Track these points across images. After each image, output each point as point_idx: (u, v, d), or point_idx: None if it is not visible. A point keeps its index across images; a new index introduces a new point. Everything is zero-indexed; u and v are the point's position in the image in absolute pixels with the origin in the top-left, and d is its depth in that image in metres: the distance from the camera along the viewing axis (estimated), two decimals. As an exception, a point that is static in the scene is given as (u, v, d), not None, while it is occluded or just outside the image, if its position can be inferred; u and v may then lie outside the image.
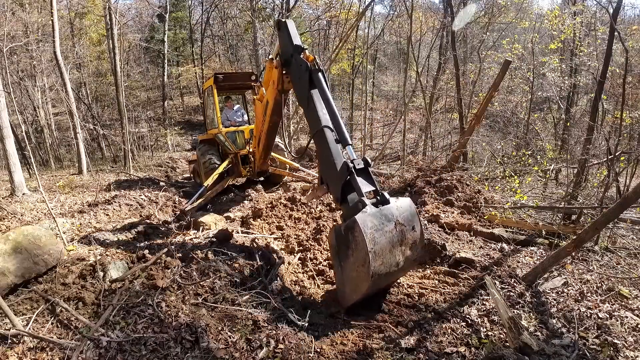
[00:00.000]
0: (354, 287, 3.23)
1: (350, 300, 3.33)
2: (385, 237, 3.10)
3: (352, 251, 3.15)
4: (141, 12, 28.81)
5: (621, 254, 4.33)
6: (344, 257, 3.30)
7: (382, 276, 3.14)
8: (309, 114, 3.95)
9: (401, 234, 3.22)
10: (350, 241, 3.15)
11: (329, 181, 3.65)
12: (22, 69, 19.22)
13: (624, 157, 6.02)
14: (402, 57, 28.20)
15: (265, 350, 2.80)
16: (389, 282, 3.67)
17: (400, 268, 3.33)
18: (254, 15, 17.38)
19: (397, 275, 3.60)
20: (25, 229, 3.73)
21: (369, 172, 3.42)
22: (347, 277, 3.30)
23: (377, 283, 3.19)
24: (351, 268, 3.21)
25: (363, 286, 3.11)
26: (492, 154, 9.77)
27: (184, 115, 27.89)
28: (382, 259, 3.07)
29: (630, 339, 2.96)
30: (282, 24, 4.45)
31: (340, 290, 3.50)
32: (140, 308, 3.16)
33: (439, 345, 2.98)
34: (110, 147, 19.12)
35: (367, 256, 2.96)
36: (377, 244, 3.02)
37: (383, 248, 3.08)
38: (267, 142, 6.31)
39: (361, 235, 2.98)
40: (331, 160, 3.50)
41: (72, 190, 9.19)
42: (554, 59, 11.48)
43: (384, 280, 3.31)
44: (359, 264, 3.09)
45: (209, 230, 5.62)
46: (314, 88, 3.93)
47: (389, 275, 3.29)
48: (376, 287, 3.35)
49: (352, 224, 3.07)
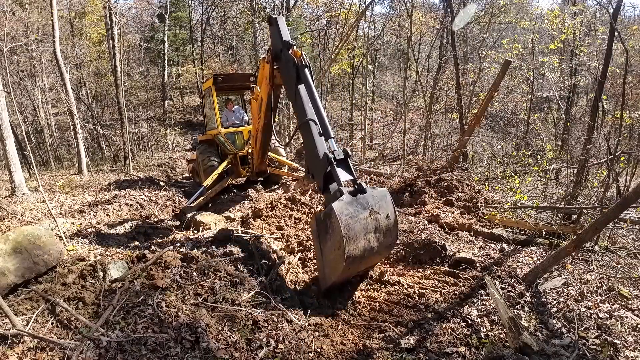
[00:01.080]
0: (332, 269, 3.51)
1: (328, 281, 3.61)
2: (360, 223, 3.33)
3: (330, 236, 3.38)
4: (141, 12, 28.83)
5: (621, 254, 4.33)
6: (323, 241, 3.53)
7: (356, 259, 3.38)
8: (296, 108, 4.22)
9: (375, 221, 3.44)
10: (328, 227, 3.38)
11: (313, 171, 3.88)
12: (22, 69, 19.22)
13: (624, 157, 6.02)
14: (402, 57, 28.22)
15: (265, 350, 2.80)
16: (367, 267, 3.97)
17: (375, 252, 3.57)
18: (254, 15, 17.38)
19: (373, 260, 3.88)
20: (25, 229, 3.73)
21: (348, 163, 3.65)
22: (326, 260, 3.57)
23: (353, 265, 3.44)
24: (329, 251, 3.46)
25: (339, 267, 3.36)
26: (492, 154, 9.77)
27: (184, 115, 27.89)
28: (356, 243, 3.31)
29: (630, 339, 2.96)
30: (273, 19, 4.56)
31: (320, 272, 3.78)
32: (140, 308, 3.16)
33: (439, 345, 2.98)
34: (110, 147, 19.12)
35: (342, 240, 3.20)
36: (351, 229, 3.25)
37: (357, 234, 3.31)
38: (263, 140, 6.34)
39: (337, 221, 3.22)
40: (315, 152, 3.75)
41: (72, 190, 9.19)
42: (554, 59, 11.48)
43: (359, 263, 3.57)
44: (336, 247, 3.33)
45: (209, 230, 5.62)
46: (300, 83, 4.15)
47: (364, 260, 3.54)
48: (353, 270, 3.64)
49: (329, 211, 3.29)
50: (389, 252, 4.19)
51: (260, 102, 5.58)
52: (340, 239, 3.21)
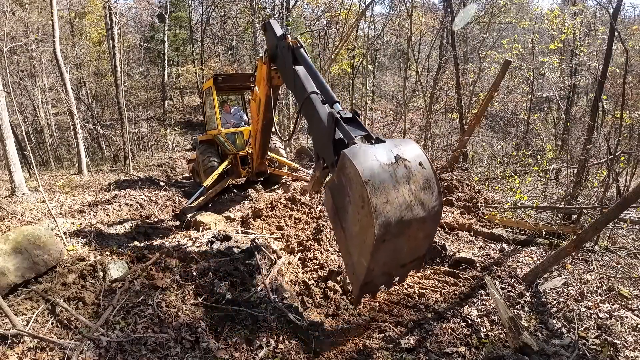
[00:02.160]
0: (361, 244, 2.51)
1: (359, 273, 2.62)
2: (384, 169, 2.46)
3: (349, 197, 2.53)
4: (141, 12, 28.83)
5: (621, 254, 4.33)
6: (343, 214, 2.65)
7: (391, 223, 2.38)
8: (296, 91, 3.77)
9: (406, 169, 2.54)
10: (344, 186, 2.55)
11: (322, 150, 3.18)
12: (22, 69, 19.21)
13: (624, 157, 6.02)
14: (402, 57, 28.21)
15: (265, 350, 2.80)
16: (412, 245, 2.69)
17: (418, 218, 2.51)
18: (254, 15, 17.39)
19: (419, 232, 2.63)
20: (25, 229, 3.73)
21: (358, 121, 3.01)
22: (351, 239, 2.63)
23: (388, 232, 2.39)
24: (352, 221, 2.56)
25: (369, 236, 2.37)
26: (492, 154, 9.77)
27: (184, 115, 27.88)
28: (385, 195, 2.37)
29: (630, 339, 2.96)
30: (267, 24, 4.56)
31: (348, 267, 2.79)
32: (140, 308, 3.16)
33: (439, 345, 2.98)
34: (110, 147, 19.12)
35: (364, 190, 2.32)
36: (374, 175, 2.39)
37: (384, 182, 2.41)
38: (263, 140, 6.35)
39: (352, 166, 2.42)
40: (321, 125, 3.16)
41: (72, 190, 9.19)
42: (554, 59, 11.48)
43: (398, 235, 2.48)
44: (359, 207, 2.44)
45: (209, 230, 5.62)
46: (297, 64, 3.89)
47: (405, 228, 2.48)
48: (391, 248, 2.55)
49: (341, 160, 2.55)
50: (437, 221, 2.75)
51: (259, 102, 5.59)
52: (362, 187, 2.34)
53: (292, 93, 3.97)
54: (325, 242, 5.02)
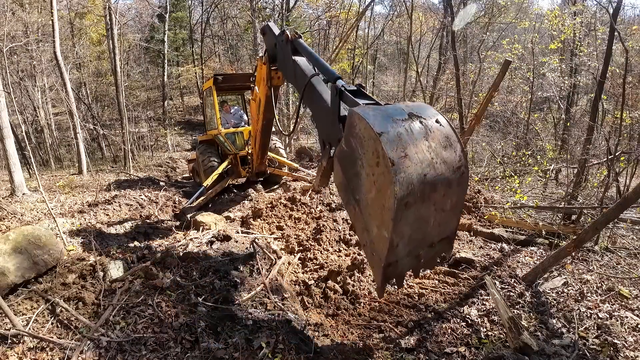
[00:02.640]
0: (379, 212, 2.17)
1: (382, 247, 2.22)
2: (397, 123, 2.17)
3: (361, 160, 2.24)
4: (141, 12, 28.82)
5: (621, 254, 4.33)
6: (356, 183, 2.35)
7: (413, 180, 2.05)
8: (297, 81, 3.59)
9: (421, 125, 2.24)
10: (354, 148, 2.29)
11: (327, 132, 2.93)
12: (22, 69, 19.22)
13: (624, 157, 6.02)
14: (402, 57, 28.21)
15: (265, 350, 2.80)
16: (436, 215, 2.31)
17: (440, 175, 2.17)
18: (254, 15, 17.39)
19: (443, 195, 2.26)
20: (25, 229, 3.73)
21: (364, 93, 2.76)
22: (367, 210, 2.29)
23: (411, 191, 2.06)
24: (368, 188, 2.23)
25: (389, 197, 2.03)
26: (492, 154, 9.77)
27: (184, 115, 27.88)
28: (402, 148, 2.07)
29: (630, 339, 2.96)
30: (266, 27, 4.54)
31: (367, 249, 2.41)
32: (140, 308, 3.16)
33: (439, 345, 2.98)
34: (110, 147, 19.12)
35: (378, 142, 2.04)
36: (387, 128, 2.11)
37: (399, 134, 2.12)
38: (263, 141, 6.35)
39: (362, 121, 2.16)
40: (325, 105, 2.95)
41: (72, 190, 9.19)
42: (554, 59, 11.48)
43: (420, 194, 2.12)
44: (373, 166, 2.13)
45: (209, 230, 5.61)
46: (297, 54, 3.77)
47: (428, 187, 2.13)
48: (414, 214, 2.16)
49: (349, 120, 2.32)
50: (465, 186, 2.39)
51: (258, 103, 5.59)
52: (375, 141, 2.07)
53: (294, 86, 3.84)
54: (325, 242, 5.02)
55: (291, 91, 18.68)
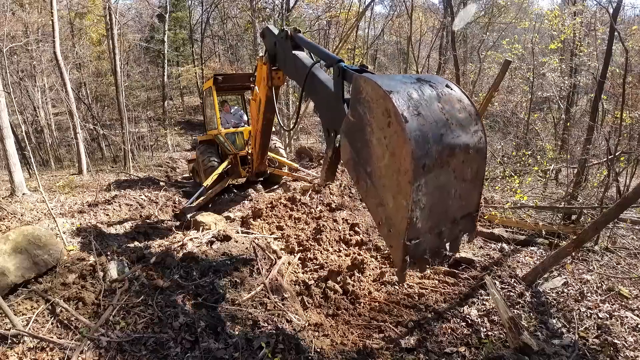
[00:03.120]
0: (395, 177, 1.96)
1: (400, 221, 1.98)
2: (407, 85, 2.07)
3: (370, 125, 2.09)
4: (141, 12, 28.83)
5: (621, 254, 4.33)
6: (366, 156, 2.16)
7: (428, 136, 1.90)
8: (298, 74, 3.49)
9: (432, 88, 2.14)
10: (361, 115, 2.14)
11: (331, 118, 2.76)
12: (22, 69, 19.22)
13: (624, 157, 6.02)
14: (402, 57, 28.20)
15: (265, 350, 2.80)
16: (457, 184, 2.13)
17: (457, 138, 2.04)
18: (254, 15, 17.38)
19: (462, 161, 2.10)
20: (25, 229, 3.73)
21: (369, 72, 2.56)
22: (381, 181, 2.08)
23: (426, 149, 1.88)
24: (380, 154, 2.05)
25: (405, 163, 1.86)
26: (492, 154, 9.77)
27: (184, 115, 27.88)
28: (414, 107, 1.95)
29: (630, 339, 2.96)
30: (266, 29, 4.53)
31: (383, 227, 2.15)
32: (140, 308, 3.16)
33: (439, 345, 2.98)
34: (110, 147, 19.13)
35: (387, 100, 1.91)
36: (396, 87, 1.99)
37: (409, 93, 2.01)
38: (263, 141, 6.35)
39: (368, 83, 2.06)
40: (328, 91, 2.80)
41: (72, 190, 9.19)
42: (554, 59, 11.48)
43: (438, 157, 1.95)
44: (385, 127, 1.97)
45: (209, 230, 5.62)
46: (297, 49, 3.69)
47: (446, 150, 1.98)
48: (433, 179, 1.96)
49: (353, 86, 2.21)
50: (484, 152, 2.25)
51: (258, 103, 5.59)
52: (384, 99, 1.93)
53: (296, 81, 3.74)
54: (325, 242, 5.02)
55: (291, 91, 18.68)
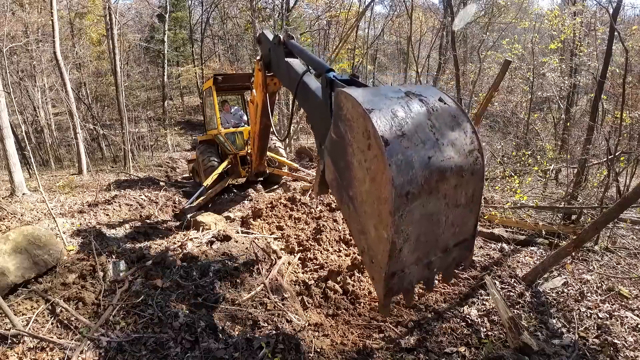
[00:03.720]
0: (378, 211, 1.77)
1: (382, 253, 1.80)
2: (391, 100, 1.84)
3: (352, 145, 1.88)
4: (141, 12, 28.82)
5: (621, 254, 4.33)
6: (348, 178, 1.97)
7: (412, 161, 1.67)
8: (291, 82, 3.39)
9: (422, 102, 1.89)
10: (343, 134, 1.93)
11: (321, 132, 2.56)
12: (22, 69, 19.22)
13: (624, 157, 6.02)
14: (402, 57, 28.21)
15: (265, 350, 2.80)
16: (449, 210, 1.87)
17: (449, 160, 1.78)
18: (254, 15, 17.38)
19: (455, 185, 1.83)
20: (25, 229, 3.74)
21: (359, 82, 2.39)
22: (363, 207, 1.89)
23: (409, 174, 1.65)
24: (361, 178, 1.86)
25: (385, 190, 1.65)
26: (492, 154, 9.77)
27: (184, 115, 27.88)
28: (398, 125, 1.73)
29: (630, 339, 2.96)
30: (262, 35, 4.51)
31: (366, 256, 1.97)
32: (140, 308, 3.16)
33: (439, 345, 2.98)
34: (110, 147, 19.12)
35: (367, 119, 1.70)
36: (378, 104, 1.79)
37: (394, 111, 1.78)
38: (261, 144, 6.35)
39: (349, 99, 1.84)
40: (318, 100, 2.63)
41: (72, 190, 9.18)
42: (554, 59, 11.48)
43: (426, 183, 1.71)
44: (364, 149, 1.78)
45: (209, 230, 5.62)
46: (289, 56, 3.62)
47: (435, 175, 1.73)
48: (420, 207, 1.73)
49: (334, 101, 2.01)
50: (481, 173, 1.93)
51: (256, 107, 5.60)
52: (364, 119, 1.73)
53: (289, 89, 3.67)
54: (325, 242, 5.02)
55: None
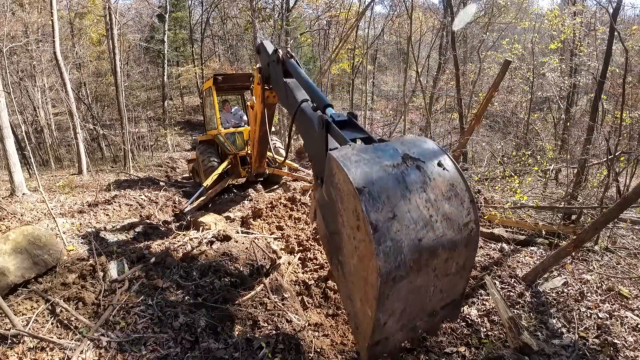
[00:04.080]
0: (362, 287, 1.78)
1: (365, 326, 1.83)
2: (386, 171, 1.79)
3: (342, 216, 1.85)
4: (141, 12, 28.83)
5: (621, 254, 4.33)
6: (338, 244, 1.96)
7: (402, 247, 1.66)
8: (289, 105, 3.43)
9: (419, 171, 1.84)
10: (334, 201, 1.89)
11: (317, 165, 2.57)
12: (22, 69, 19.22)
13: (624, 157, 6.02)
14: (402, 57, 28.22)
15: (265, 350, 2.80)
16: (438, 281, 1.89)
17: (441, 238, 1.77)
18: (254, 15, 17.37)
19: (446, 259, 1.84)
20: (25, 229, 3.73)
21: (355, 124, 2.38)
22: (350, 278, 1.91)
23: (398, 261, 1.65)
24: (349, 252, 1.86)
25: (371, 276, 1.66)
26: (492, 154, 9.77)
27: (184, 115, 27.89)
28: (390, 207, 1.68)
29: (630, 339, 2.96)
30: (261, 46, 4.49)
31: (351, 319, 2.01)
32: (140, 308, 3.16)
33: (439, 345, 2.98)
34: (110, 147, 19.13)
35: (357, 201, 1.66)
36: (371, 180, 1.73)
37: (387, 189, 1.73)
38: (260, 149, 6.35)
39: (340, 171, 1.77)
40: (314, 135, 2.60)
41: (72, 190, 9.18)
42: (554, 59, 11.48)
43: (415, 264, 1.71)
44: (353, 229, 1.76)
45: (209, 230, 5.62)
46: (288, 77, 3.57)
47: (425, 254, 1.73)
48: (406, 286, 1.74)
49: (327, 165, 1.93)
50: (475, 244, 1.95)
51: (255, 115, 5.60)
52: (354, 198, 1.69)
53: (286, 109, 3.72)
54: (325, 242, 5.02)
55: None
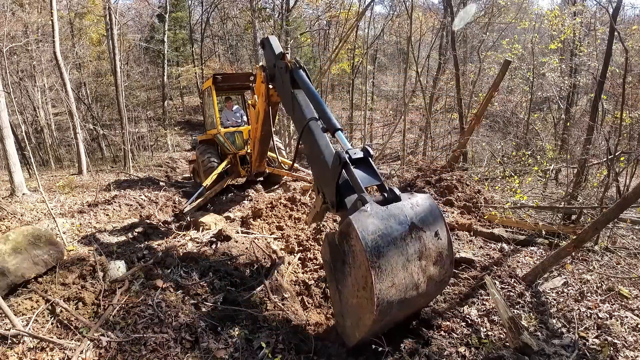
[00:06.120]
0: (356, 320, 2.43)
1: (352, 337, 2.58)
2: (396, 245, 2.29)
3: (350, 268, 2.39)
4: (141, 12, 28.84)
5: (621, 254, 4.32)
6: (341, 277, 2.51)
7: (393, 304, 2.30)
8: (295, 117, 3.53)
9: (420, 243, 2.38)
10: (346, 254, 2.39)
11: (322, 185, 2.94)
12: (22, 69, 19.23)
13: (624, 157, 6.02)
14: (402, 57, 28.21)
15: (265, 350, 2.80)
16: (407, 313, 2.74)
17: (421, 293, 2.45)
18: (254, 15, 17.38)
19: (418, 304, 2.69)
20: (25, 229, 3.73)
21: (370, 164, 2.68)
22: (346, 306, 2.53)
23: (388, 314, 2.33)
24: (350, 292, 2.43)
25: (367, 319, 2.30)
26: (492, 154, 9.78)
27: (184, 115, 27.91)
28: (392, 278, 2.24)
29: (630, 339, 2.96)
30: (266, 40, 4.44)
31: (340, 324, 2.71)
32: (140, 308, 3.16)
33: (439, 345, 2.98)
34: (110, 147, 19.14)
35: (369, 274, 2.16)
36: (382, 255, 2.22)
37: (393, 262, 2.25)
38: (261, 149, 6.34)
39: (359, 243, 2.22)
40: (321, 158, 2.87)
41: (72, 191, 9.19)
42: (553, 59, 11.49)
43: (397, 311, 2.42)
44: (360, 286, 2.30)
45: (209, 230, 5.62)
46: (297, 87, 3.62)
47: (405, 304, 2.41)
48: (389, 321, 2.54)
49: (346, 227, 2.33)
50: (440, 291, 2.87)
51: (257, 114, 5.55)
52: (367, 272, 2.18)
53: (292, 119, 3.75)
54: (325, 242, 5.02)
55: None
